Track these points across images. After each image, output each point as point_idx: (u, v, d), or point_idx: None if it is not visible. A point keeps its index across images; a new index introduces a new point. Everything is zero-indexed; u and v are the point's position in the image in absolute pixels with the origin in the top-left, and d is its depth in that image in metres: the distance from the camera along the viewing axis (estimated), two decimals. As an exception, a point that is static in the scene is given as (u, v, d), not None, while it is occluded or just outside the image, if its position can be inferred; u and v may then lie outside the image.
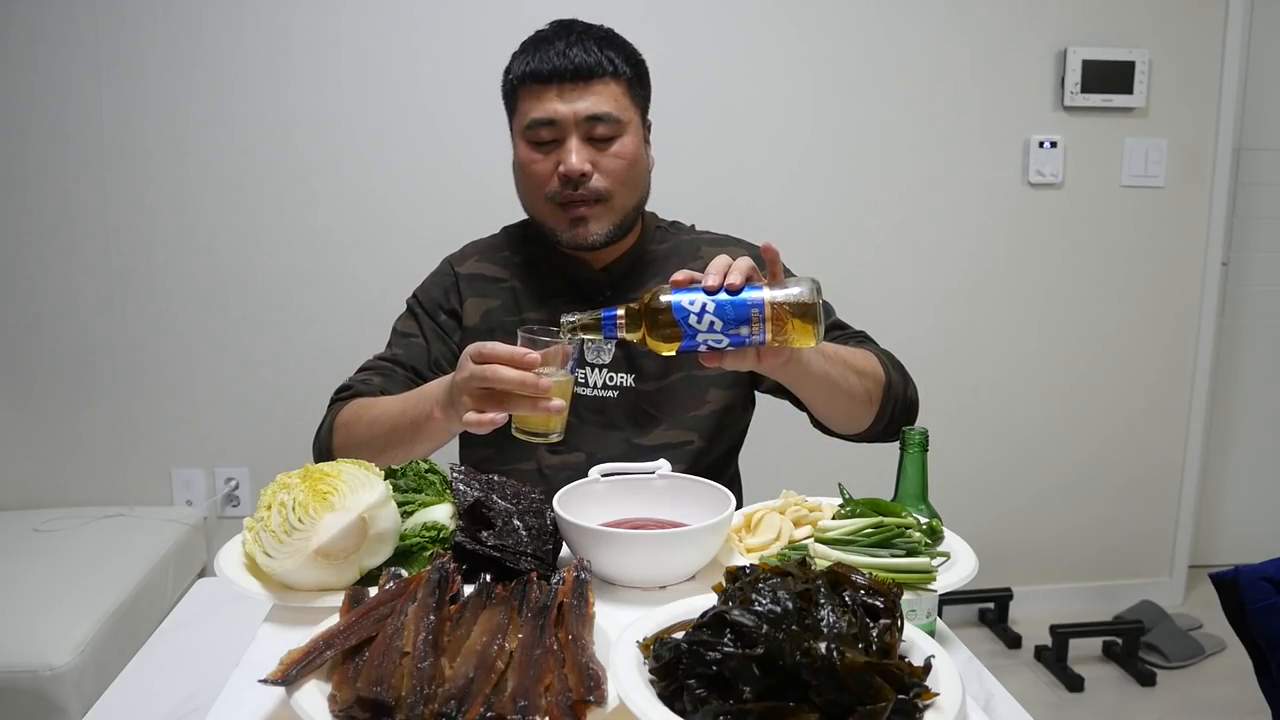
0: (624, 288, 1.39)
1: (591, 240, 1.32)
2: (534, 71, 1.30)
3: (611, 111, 1.30)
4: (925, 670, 0.68)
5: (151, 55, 2.28)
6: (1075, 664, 2.52)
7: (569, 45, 1.29)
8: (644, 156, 1.37)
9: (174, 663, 1.01)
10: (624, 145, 1.32)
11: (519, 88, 1.33)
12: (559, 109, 1.28)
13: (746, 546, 0.98)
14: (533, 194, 1.34)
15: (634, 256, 1.41)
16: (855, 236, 2.59)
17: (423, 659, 0.70)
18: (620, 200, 1.33)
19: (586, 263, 1.39)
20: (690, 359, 1.31)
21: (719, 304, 0.98)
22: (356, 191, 2.39)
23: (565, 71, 1.28)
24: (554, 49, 1.29)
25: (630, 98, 1.34)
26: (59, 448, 2.41)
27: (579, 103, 1.29)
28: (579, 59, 1.28)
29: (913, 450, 1.04)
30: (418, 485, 1.05)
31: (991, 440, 2.75)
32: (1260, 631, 1.14)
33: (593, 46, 1.30)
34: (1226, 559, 3.00)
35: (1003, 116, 2.59)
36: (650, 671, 0.69)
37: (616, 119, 1.30)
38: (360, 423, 1.26)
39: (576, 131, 1.29)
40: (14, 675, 1.69)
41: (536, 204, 1.35)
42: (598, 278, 1.39)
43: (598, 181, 1.30)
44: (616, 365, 1.37)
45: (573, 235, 1.32)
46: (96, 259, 2.34)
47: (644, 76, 1.38)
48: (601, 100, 1.29)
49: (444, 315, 1.41)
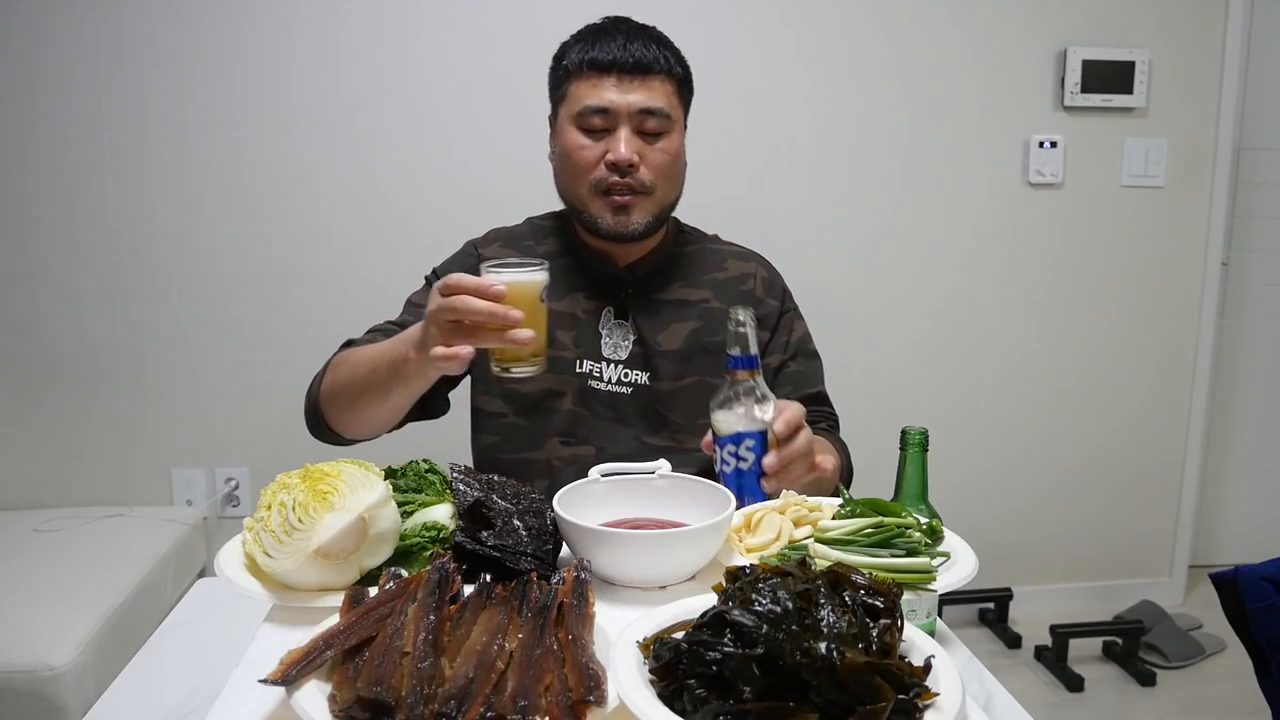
0: (646, 286, 1.41)
1: (632, 229, 1.34)
2: (594, 60, 1.31)
3: (664, 107, 1.32)
4: (925, 670, 0.68)
5: (151, 55, 2.29)
6: (1075, 664, 2.52)
7: (629, 39, 1.32)
8: (684, 156, 1.40)
9: (174, 663, 1.01)
10: (670, 142, 1.34)
11: (574, 74, 1.34)
12: (614, 99, 1.30)
13: (746, 546, 0.98)
14: (577, 180, 1.35)
15: (659, 257, 1.43)
16: (855, 236, 2.59)
17: (423, 659, 0.70)
18: (661, 194, 1.35)
19: (612, 258, 1.40)
20: (706, 363, 1.37)
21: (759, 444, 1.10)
22: (356, 191, 2.39)
23: (625, 64, 1.30)
24: (615, 41, 1.32)
25: (679, 97, 1.37)
26: (59, 448, 2.41)
27: (633, 95, 1.31)
28: (639, 53, 1.31)
29: (913, 450, 1.04)
30: (418, 485, 1.05)
31: (991, 440, 2.75)
32: (1260, 631, 1.14)
33: (651, 44, 1.33)
34: (1226, 559, 3.00)
35: (1003, 116, 2.59)
36: (650, 671, 0.69)
37: (667, 115, 1.33)
38: (345, 364, 1.28)
39: (628, 123, 1.31)
40: (14, 675, 1.69)
41: (579, 190, 1.35)
42: (621, 274, 1.40)
43: (643, 174, 1.32)
44: (633, 362, 1.38)
45: (615, 223, 1.33)
46: (97, 259, 2.34)
47: (690, 81, 1.41)
48: (655, 95, 1.32)
49: None
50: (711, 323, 1.40)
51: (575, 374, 1.37)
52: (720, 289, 1.43)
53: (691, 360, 1.39)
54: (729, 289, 1.43)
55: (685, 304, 1.41)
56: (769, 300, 1.45)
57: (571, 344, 1.37)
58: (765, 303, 1.44)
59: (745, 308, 1.11)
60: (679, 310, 1.40)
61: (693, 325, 1.40)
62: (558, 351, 1.35)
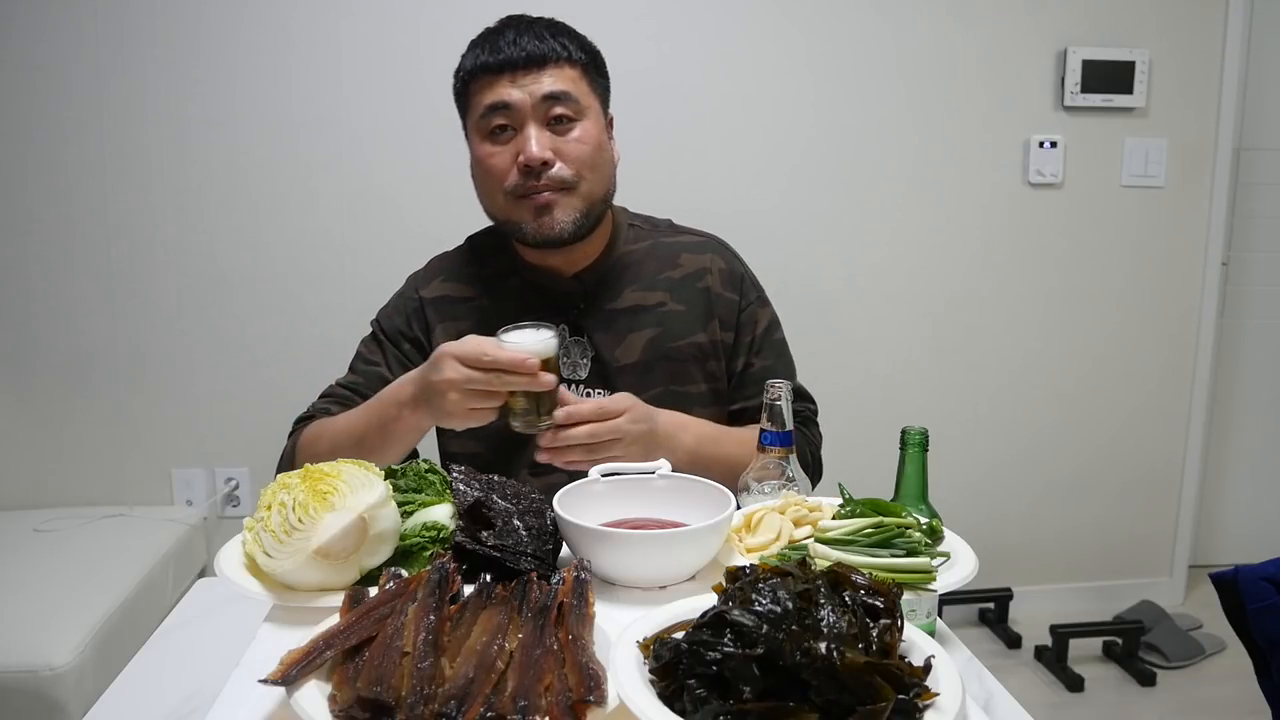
0: (598, 296, 1.34)
1: (559, 230, 1.26)
2: (484, 64, 1.26)
3: (568, 90, 1.25)
4: (925, 670, 0.68)
5: (151, 55, 2.29)
6: (1075, 664, 2.52)
7: (519, 34, 1.26)
8: (607, 147, 1.32)
9: (174, 663, 1.01)
10: (585, 130, 1.27)
11: (470, 83, 1.28)
12: (513, 94, 1.24)
13: (746, 546, 0.98)
14: (492, 191, 1.29)
15: (607, 262, 1.36)
16: (855, 237, 2.59)
17: (423, 659, 0.70)
18: (586, 188, 1.27)
19: (556, 271, 1.34)
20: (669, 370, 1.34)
21: None
22: (356, 191, 2.39)
23: (517, 60, 1.24)
24: (504, 39, 1.26)
25: (588, 84, 1.29)
26: (59, 448, 2.41)
27: (533, 86, 1.24)
28: (530, 46, 1.25)
29: (913, 450, 1.03)
30: (418, 485, 1.05)
31: (991, 440, 2.75)
32: (1260, 631, 1.14)
33: (544, 33, 1.26)
34: (1226, 559, 3.00)
35: (1003, 116, 2.59)
36: (650, 671, 0.69)
37: (575, 99, 1.25)
38: (323, 440, 1.25)
39: (534, 116, 1.24)
40: (14, 675, 1.69)
41: (496, 201, 1.29)
42: (569, 287, 1.34)
43: (560, 170, 1.25)
44: (593, 380, 1.34)
45: (538, 226, 1.26)
46: (96, 259, 2.34)
47: (600, 65, 1.33)
48: (558, 81, 1.25)
49: (406, 344, 1.36)
50: (671, 327, 1.34)
51: None
52: (676, 289, 1.36)
53: (653, 371, 1.33)
54: (685, 288, 1.36)
55: (640, 310, 1.34)
56: (727, 294, 1.38)
57: None
58: (723, 298, 1.37)
59: (785, 382, 1.07)
60: (634, 318, 1.34)
61: (650, 333, 1.34)
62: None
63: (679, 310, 1.35)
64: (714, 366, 1.37)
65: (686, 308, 1.36)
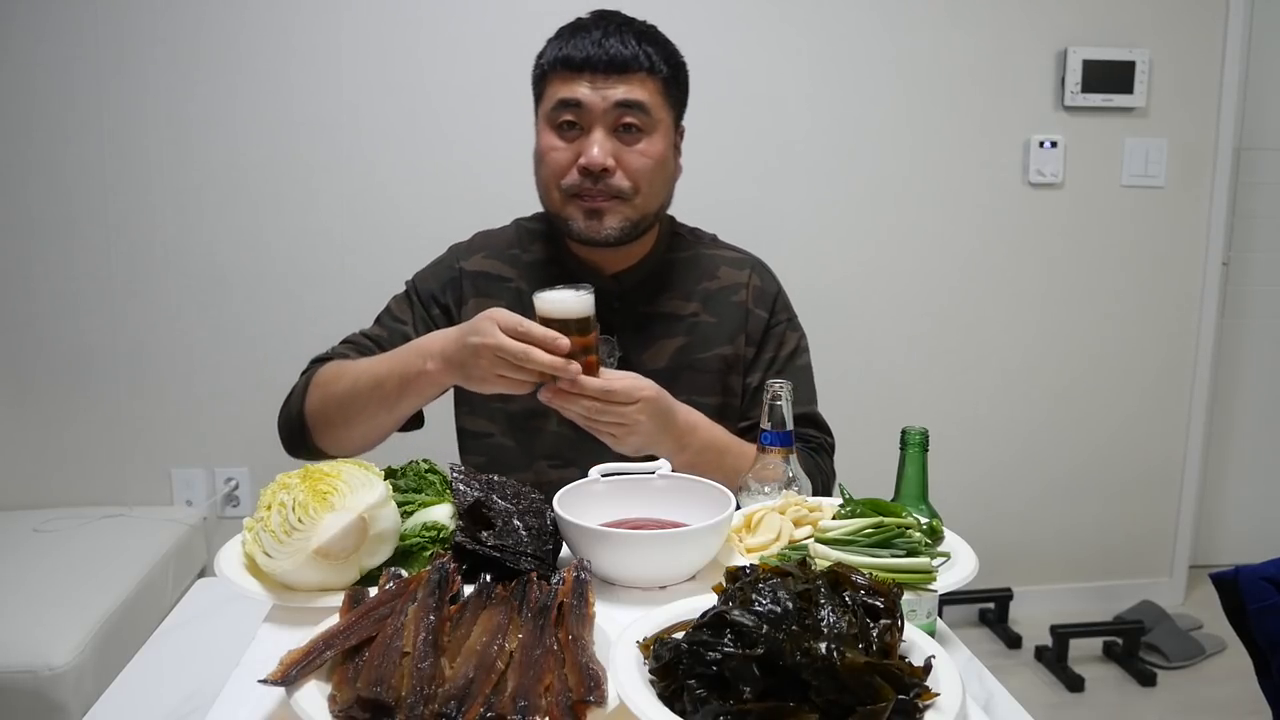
0: (634, 299, 1.35)
1: (605, 235, 1.27)
2: (566, 58, 1.24)
3: (643, 100, 1.24)
4: (925, 670, 0.68)
5: (151, 55, 2.28)
6: (1075, 664, 2.52)
7: (606, 35, 1.24)
8: (671, 162, 1.32)
9: (174, 663, 1.01)
10: (652, 144, 1.27)
11: (549, 73, 1.27)
12: (587, 94, 1.23)
13: (746, 546, 0.98)
14: (549, 183, 1.29)
15: (647, 266, 1.36)
16: (855, 236, 2.59)
17: (423, 659, 0.70)
18: (641, 202, 1.28)
19: (597, 267, 1.35)
20: (693, 380, 1.33)
21: None
22: (357, 191, 2.39)
23: (599, 61, 1.23)
24: (590, 37, 1.24)
25: (665, 97, 1.29)
26: (59, 448, 2.41)
27: (609, 91, 1.23)
28: (615, 50, 1.23)
29: (913, 450, 1.03)
30: (418, 485, 1.05)
31: (991, 440, 2.75)
32: (1260, 631, 1.14)
33: (630, 39, 1.25)
34: (1226, 559, 3.00)
35: (1003, 116, 2.59)
36: (650, 671, 0.69)
37: (647, 110, 1.25)
38: (341, 379, 1.25)
39: (603, 121, 1.24)
40: (14, 675, 1.69)
41: (551, 194, 1.30)
42: (607, 285, 1.33)
43: (619, 179, 1.25)
44: None
45: (586, 227, 1.27)
46: (96, 259, 2.34)
47: (682, 80, 1.33)
48: (634, 90, 1.24)
49: (437, 309, 1.37)
50: (699, 338, 1.35)
51: None
52: (710, 300, 1.37)
53: (678, 379, 1.32)
54: (719, 301, 1.37)
55: (673, 318, 1.36)
56: (757, 311, 1.38)
57: None
58: (754, 314, 1.38)
59: (785, 381, 1.07)
60: (666, 325, 1.35)
61: (679, 341, 1.35)
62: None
63: (710, 322, 1.36)
64: (733, 381, 1.37)
65: (717, 320, 1.37)
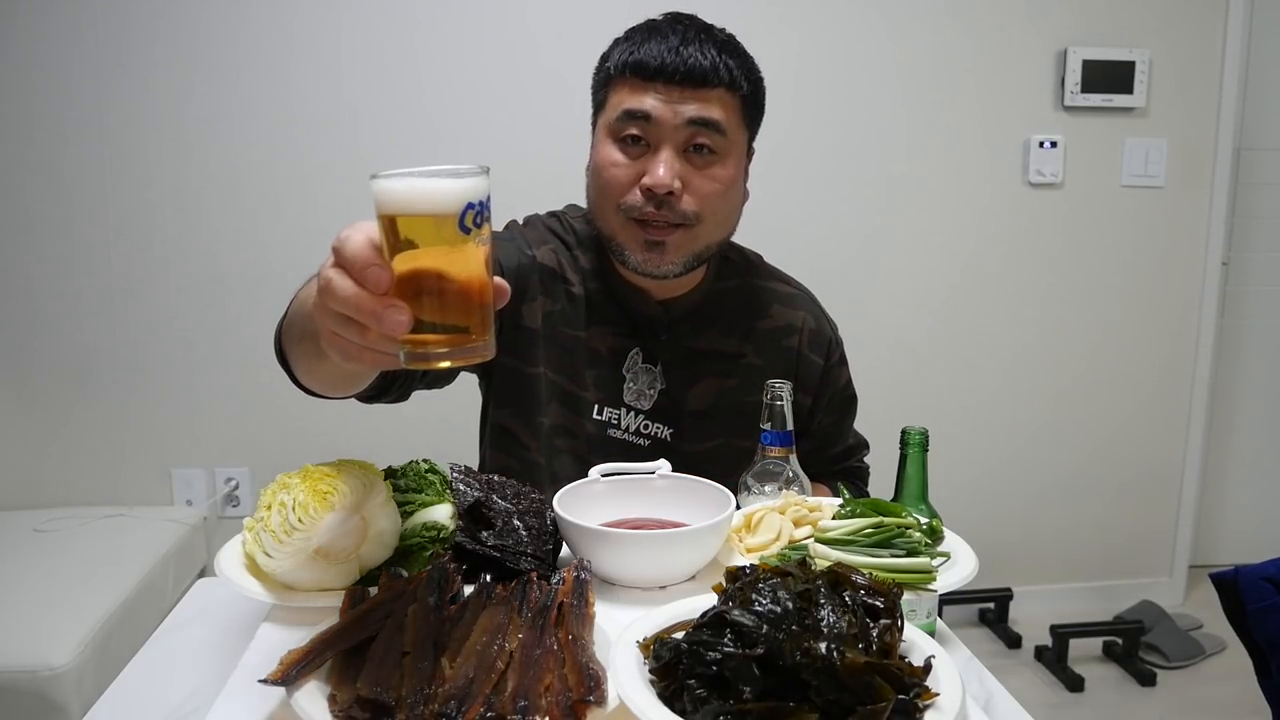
0: (682, 332, 1.24)
1: (664, 270, 1.15)
2: (637, 63, 1.11)
3: (719, 119, 1.11)
4: (925, 670, 0.68)
5: (151, 55, 2.29)
6: (1075, 664, 2.52)
7: (684, 42, 1.11)
8: (740, 187, 1.20)
9: (174, 663, 1.01)
10: (724, 168, 1.14)
11: (615, 78, 1.14)
12: (659, 107, 1.10)
13: (746, 546, 0.98)
14: (605, 202, 1.15)
15: (697, 296, 1.25)
16: (855, 236, 2.59)
17: (423, 659, 0.70)
18: (705, 232, 1.15)
19: (644, 290, 1.22)
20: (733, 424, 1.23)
21: None
22: (357, 191, 2.38)
23: (674, 71, 1.09)
24: (666, 43, 1.11)
25: (742, 117, 1.17)
26: (59, 448, 2.41)
27: (683, 105, 1.10)
28: (693, 60, 1.09)
29: (913, 450, 1.03)
30: (418, 485, 1.05)
31: (991, 440, 2.75)
32: (1260, 631, 1.14)
33: (710, 49, 1.11)
34: (1226, 559, 3.00)
35: (1003, 116, 2.59)
36: (650, 671, 0.69)
37: (723, 131, 1.12)
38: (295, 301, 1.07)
39: (673, 140, 1.11)
40: (14, 675, 1.69)
41: (607, 215, 1.15)
42: (654, 312, 1.23)
43: (686, 204, 1.12)
44: (657, 414, 1.23)
45: (644, 259, 1.14)
46: (96, 259, 2.34)
47: (760, 98, 1.21)
48: (711, 107, 1.11)
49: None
50: (746, 382, 1.24)
51: (593, 419, 1.22)
52: (761, 343, 1.27)
53: (717, 420, 1.24)
54: (770, 344, 1.27)
55: (721, 356, 1.25)
56: (813, 357, 1.29)
57: (593, 385, 1.22)
58: (809, 360, 1.29)
59: (785, 381, 1.04)
60: (713, 364, 1.25)
61: (725, 383, 1.25)
62: (579, 390, 1.21)
63: (758, 365, 1.26)
64: None
65: (765, 363, 1.27)
